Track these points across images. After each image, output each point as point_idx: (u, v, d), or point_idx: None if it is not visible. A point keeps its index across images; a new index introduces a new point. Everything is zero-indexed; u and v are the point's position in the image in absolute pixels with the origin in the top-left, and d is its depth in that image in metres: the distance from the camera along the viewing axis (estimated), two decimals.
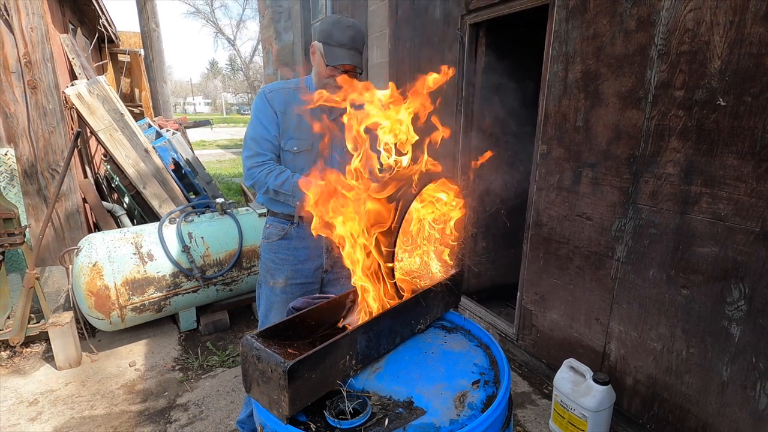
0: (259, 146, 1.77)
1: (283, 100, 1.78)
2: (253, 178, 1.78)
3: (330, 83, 1.70)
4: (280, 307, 1.90)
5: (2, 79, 3.17)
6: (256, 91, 2.98)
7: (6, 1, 3.09)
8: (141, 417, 2.41)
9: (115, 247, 2.87)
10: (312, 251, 1.89)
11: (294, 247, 1.88)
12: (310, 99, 1.69)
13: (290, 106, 1.78)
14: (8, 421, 2.36)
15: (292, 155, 1.80)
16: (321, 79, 1.75)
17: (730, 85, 1.62)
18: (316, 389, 1.01)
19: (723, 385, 1.77)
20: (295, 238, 1.88)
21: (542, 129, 2.46)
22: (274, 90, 1.80)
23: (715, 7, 1.64)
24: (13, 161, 3.26)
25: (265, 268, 1.96)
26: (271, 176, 1.73)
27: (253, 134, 1.79)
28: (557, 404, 2.15)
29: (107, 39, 7.77)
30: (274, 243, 1.90)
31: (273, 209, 1.90)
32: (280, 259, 1.89)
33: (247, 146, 1.82)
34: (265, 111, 1.77)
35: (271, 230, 1.92)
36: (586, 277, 2.32)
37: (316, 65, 1.76)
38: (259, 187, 1.78)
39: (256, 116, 1.79)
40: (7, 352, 2.97)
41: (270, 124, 1.78)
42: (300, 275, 1.90)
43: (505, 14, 2.66)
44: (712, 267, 1.76)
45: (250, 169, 1.79)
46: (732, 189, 1.66)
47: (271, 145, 1.79)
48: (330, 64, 1.68)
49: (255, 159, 1.78)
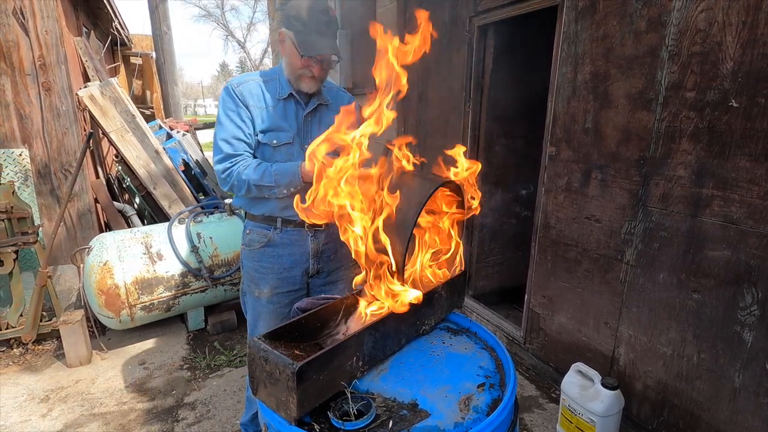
0: (232, 147, 1.61)
1: (254, 94, 1.64)
2: (230, 180, 1.62)
3: (305, 74, 1.60)
4: (268, 317, 1.80)
5: (18, 81, 3.24)
6: None
7: (22, 4, 3.16)
8: (149, 415, 2.43)
9: (126, 247, 2.91)
10: (298, 257, 1.77)
11: (278, 255, 1.76)
12: (285, 91, 1.63)
13: (262, 99, 1.64)
14: (20, 417, 2.40)
15: (272, 149, 1.66)
16: (294, 70, 1.61)
17: (742, 86, 1.60)
18: (323, 391, 1.02)
19: (735, 392, 1.74)
20: (279, 244, 1.75)
21: (550, 131, 2.45)
22: (243, 83, 1.64)
23: (728, 7, 1.61)
24: (28, 161, 3.32)
25: (248, 277, 1.82)
26: (248, 170, 1.58)
27: (224, 135, 1.62)
28: (565, 409, 2.12)
29: (120, 42, 7.88)
30: (257, 251, 1.76)
31: (253, 212, 1.76)
32: (264, 268, 1.76)
33: (217, 149, 1.63)
34: (235, 107, 1.62)
35: (253, 237, 1.78)
36: (595, 280, 2.29)
37: (288, 55, 1.61)
38: (238, 187, 1.62)
39: (225, 115, 1.62)
40: (20, 349, 3.02)
41: (242, 122, 1.62)
42: (286, 283, 1.78)
43: (513, 16, 2.65)
44: (724, 271, 1.73)
45: (224, 172, 1.62)
46: (745, 192, 1.63)
47: (245, 144, 1.64)
48: (306, 54, 1.53)
49: (229, 161, 1.62)
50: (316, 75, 1.61)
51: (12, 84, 3.22)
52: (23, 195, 3.30)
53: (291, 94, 1.67)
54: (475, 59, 3.04)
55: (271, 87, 1.67)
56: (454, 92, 3.24)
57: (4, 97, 3.21)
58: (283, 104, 1.66)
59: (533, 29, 3.03)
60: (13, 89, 3.23)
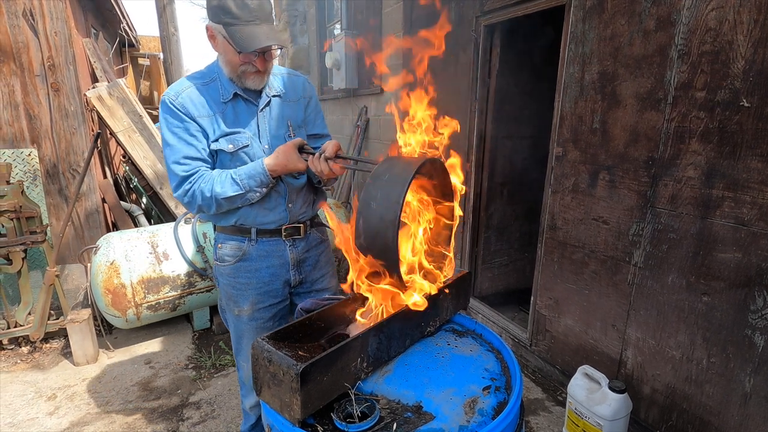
0: (189, 168, 1.44)
1: (196, 102, 1.45)
2: (195, 202, 1.45)
3: (248, 70, 1.43)
4: (251, 334, 1.66)
5: (27, 82, 3.27)
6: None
7: (32, 6, 3.19)
8: (154, 414, 2.44)
9: (132, 246, 2.92)
10: (277, 269, 1.63)
11: (255, 269, 1.60)
12: (229, 92, 1.46)
13: (207, 105, 1.46)
14: (27, 415, 2.42)
15: (229, 155, 1.49)
16: (234, 68, 1.43)
17: (754, 85, 1.57)
18: (327, 392, 1.01)
19: (745, 397, 1.71)
20: (256, 257, 1.59)
21: (557, 131, 2.42)
22: (180, 93, 1.45)
23: (739, 5, 1.59)
24: (37, 161, 3.36)
25: (225, 295, 1.66)
26: (210, 184, 1.43)
27: (176, 157, 1.43)
28: (571, 412, 2.10)
29: (128, 43, 7.95)
30: (231, 266, 1.60)
31: (222, 223, 1.59)
32: (242, 284, 1.61)
33: (172, 174, 1.45)
34: (180, 123, 1.43)
35: (225, 251, 1.61)
36: (602, 282, 2.27)
37: (224, 53, 1.43)
38: (207, 206, 1.46)
39: (172, 134, 1.43)
40: (28, 347, 3.05)
41: (192, 137, 1.44)
42: (267, 297, 1.64)
43: (520, 15, 2.63)
44: (734, 273, 1.70)
45: (186, 195, 1.44)
46: (756, 193, 1.60)
47: (201, 162, 1.47)
48: (244, 50, 1.35)
49: (187, 182, 1.44)
50: (261, 68, 1.44)
51: (21, 84, 3.26)
52: (32, 194, 3.34)
53: (236, 94, 1.50)
54: (481, 59, 3.02)
55: (212, 89, 1.48)
56: (461, 92, 3.23)
57: (13, 98, 3.25)
58: (231, 106, 1.49)
59: (540, 29, 3.01)
60: (23, 90, 3.27)
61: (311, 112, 1.68)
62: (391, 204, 1.04)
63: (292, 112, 1.61)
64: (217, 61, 1.51)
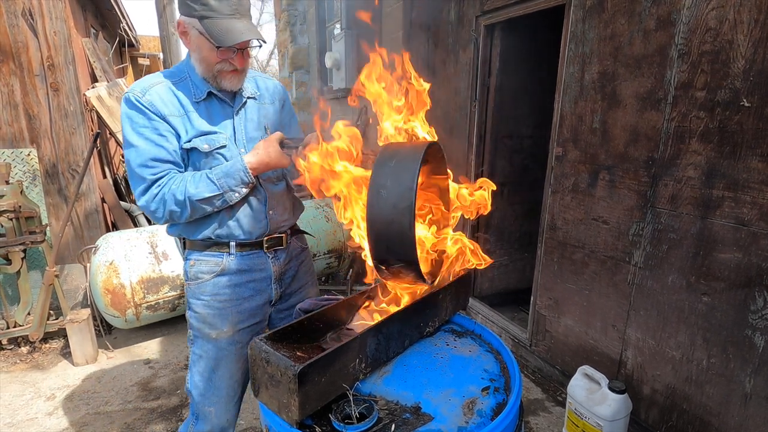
0: (157, 171, 1.31)
1: (167, 100, 1.33)
2: (164, 207, 1.31)
3: (225, 69, 1.32)
4: (230, 361, 1.49)
5: (26, 82, 3.27)
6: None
7: (31, 6, 3.19)
8: (154, 414, 2.44)
9: (132, 246, 2.92)
10: (259, 283, 1.50)
11: (236, 284, 1.45)
12: (202, 92, 1.36)
13: (179, 104, 1.35)
14: (27, 415, 2.42)
15: (204, 155, 1.36)
16: (210, 66, 1.32)
17: (754, 85, 1.57)
18: (325, 393, 1.01)
19: (746, 397, 1.70)
20: (236, 271, 1.45)
21: (557, 131, 2.42)
22: (148, 89, 1.31)
23: (739, 5, 1.58)
24: (36, 161, 3.36)
25: (199, 319, 1.46)
26: (183, 185, 1.30)
27: (142, 159, 1.29)
28: (571, 412, 2.10)
29: (128, 43, 7.95)
30: (208, 283, 1.44)
31: (194, 237, 1.42)
32: (221, 301, 1.45)
33: (137, 178, 1.31)
34: (148, 122, 1.30)
35: (200, 268, 1.44)
36: (602, 282, 2.26)
37: (199, 49, 1.30)
38: (178, 212, 1.32)
39: (137, 134, 1.29)
40: (27, 347, 3.04)
41: (161, 137, 1.31)
42: (248, 316, 1.50)
43: (520, 15, 2.63)
44: (734, 274, 1.69)
45: (154, 200, 1.30)
46: (756, 193, 1.60)
47: (172, 164, 1.33)
48: (223, 45, 1.24)
49: (155, 186, 1.31)
50: (240, 66, 1.34)
51: (21, 84, 3.25)
52: (31, 194, 3.33)
53: (210, 93, 1.38)
54: (481, 59, 3.02)
55: (182, 88, 1.36)
56: (460, 92, 3.23)
57: (13, 98, 3.25)
58: (204, 106, 1.37)
59: (540, 28, 3.01)
60: (22, 89, 3.26)
61: (286, 115, 1.62)
62: (404, 190, 1.00)
63: (268, 115, 1.53)
64: (187, 60, 1.38)
